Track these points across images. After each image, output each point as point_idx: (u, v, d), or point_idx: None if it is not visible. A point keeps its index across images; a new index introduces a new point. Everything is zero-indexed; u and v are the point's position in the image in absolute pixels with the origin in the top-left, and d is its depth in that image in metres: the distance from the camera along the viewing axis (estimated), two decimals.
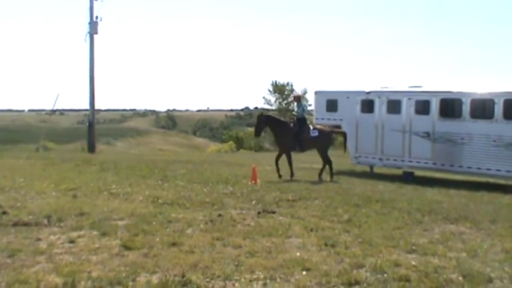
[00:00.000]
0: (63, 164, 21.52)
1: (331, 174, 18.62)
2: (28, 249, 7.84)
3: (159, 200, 12.47)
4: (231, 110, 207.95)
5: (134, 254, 7.71)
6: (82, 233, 9.03)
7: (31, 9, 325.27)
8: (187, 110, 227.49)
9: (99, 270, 6.90)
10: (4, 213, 10.29)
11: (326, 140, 19.37)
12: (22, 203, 11.66)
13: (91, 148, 38.71)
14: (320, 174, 18.67)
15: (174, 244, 8.25)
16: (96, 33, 39.36)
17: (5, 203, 11.54)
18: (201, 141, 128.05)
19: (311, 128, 19.38)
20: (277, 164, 18.92)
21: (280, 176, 18.37)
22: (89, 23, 39.28)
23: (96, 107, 42.67)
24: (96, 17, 39.36)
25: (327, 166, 18.84)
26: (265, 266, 7.14)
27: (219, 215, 10.72)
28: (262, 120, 19.83)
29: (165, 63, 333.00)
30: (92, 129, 40.31)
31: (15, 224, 9.44)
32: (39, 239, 8.54)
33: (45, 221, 9.78)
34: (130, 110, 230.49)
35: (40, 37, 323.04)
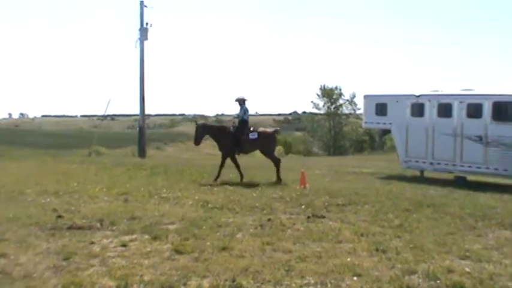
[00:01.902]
0: (114, 168, 21.86)
1: (278, 175, 18.36)
2: (82, 252, 8.00)
3: (209, 205, 12.56)
4: (279, 115, 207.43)
5: (185, 258, 7.78)
6: (134, 236, 9.16)
7: (83, 16, 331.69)
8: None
9: (151, 274, 6.98)
10: (59, 216, 10.52)
11: (267, 142, 19.28)
12: (76, 207, 11.90)
13: (141, 153, 39.17)
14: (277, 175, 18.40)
15: (224, 248, 8.28)
16: (146, 39, 39.89)
17: (60, 206, 11.81)
18: None
19: (251, 130, 19.20)
20: (219, 169, 18.75)
21: (216, 179, 18.14)
22: (139, 30, 39.82)
23: (146, 112, 43.13)
24: (146, 24, 39.89)
25: (282, 165, 18.81)
26: (315, 271, 7.11)
27: (269, 220, 10.72)
28: (198, 129, 19.73)
29: (214, 68, 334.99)
30: (142, 134, 40.76)
31: (69, 228, 9.64)
32: (92, 243, 8.69)
33: (98, 225, 9.96)
34: (180, 114, 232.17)
35: (92, 44, 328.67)
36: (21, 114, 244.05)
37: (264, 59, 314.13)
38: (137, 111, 41.33)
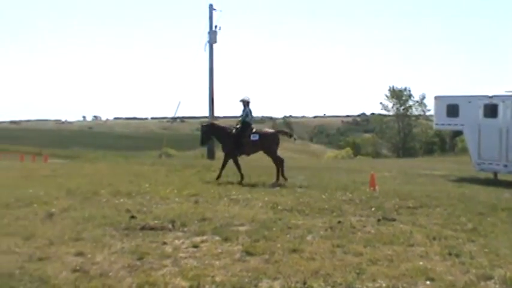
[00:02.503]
0: (184, 170, 22.19)
1: (282, 174, 18.47)
2: (155, 253, 8.16)
3: (279, 206, 12.57)
4: (348, 116, 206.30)
5: (256, 260, 7.82)
6: (205, 238, 9.27)
7: (153, 19, 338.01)
8: (303, 117, 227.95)
9: (222, 275, 7.06)
10: (132, 217, 10.76)
11: (268, 142, 19.21)
12: (148, 208, 12.13)
13: (211, 155, 39.56)
14: (277, 177, 18.46)
15: (294, 250, 8.28)
16: (215, 41, 40.34)
17: (133, 207, 12.08)
18: (317, 148, 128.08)
19: (253, 131, 19.33)
20: (221, 169, 19.18)
21: (217, 178, 18.55)
22: (209, 33, 40.31)
23: (215, 114, 43.63)
24: (215, 26, 40.36)
25: (282, 167, 18.66)
26: (387, 275, 7.03)
27: (339, 222, 10.66)
28: (204, 129, 20.19)
29: (281, 70, 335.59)
30: None
31: (142, 228, 9.85)
32: (164, 243, 8.84)
33: (170, 226, 10.12)
34: None
35: (162, 47, 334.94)
36: (95, 116, 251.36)
37: (331, 59, 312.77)
38: (206, 113, 41.82)
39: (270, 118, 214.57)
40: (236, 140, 19.22)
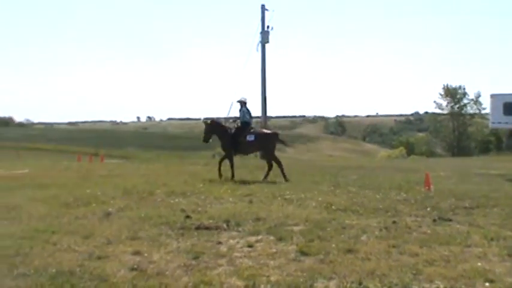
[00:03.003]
0: (237, 170, 22.30)
1: (284, 175, 18.95)
2: (210, 252, 8.23)
3: (332, 206, 12.52)
4: (401, 115, 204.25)
5: (311, 260, 7.81)
6: (259, 237, 9.30)
7: (205, 20, 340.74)
8: (356, 116, 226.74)
9: (277, 274, 7.07)
10: (187, 217, 10.89)
11: (265, 142, 19.88)
12: (203, 208, 12.26)
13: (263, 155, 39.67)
14: (265, 176, 19.29)
15: (349, 251, 8.23)
16: (268, 42, 40.45)
17: (188, 207, 12.23)
18: (370, 147, 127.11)
19: (251, 132, 20.08)
20: (219, 165, 20.02)
21: (220, 176, 19.40)
22: (261, 33, 40.44)
23: (268, 114, 43.73)
24: (267, 27, 40.47)
25: (279, 167, 19.31)
26: (444, 276, 6.93)
27: (394, 222, 10.55)
28: (206, 127, 20.89)
29: (333, 69, 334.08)
30: None
31: (197, 228, 9.95)
32: (219, 243, 8.91)
33: (225, 225, 10.20)
34: (300, 116, 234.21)
35: (214, 48, 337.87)
36: (149, 117, 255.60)
37: (384, 58, 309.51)
38: (258, 113, 41.97)
39: (322, 118, 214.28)
40: (233, 139, 19.95)
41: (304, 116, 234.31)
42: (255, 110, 41.86)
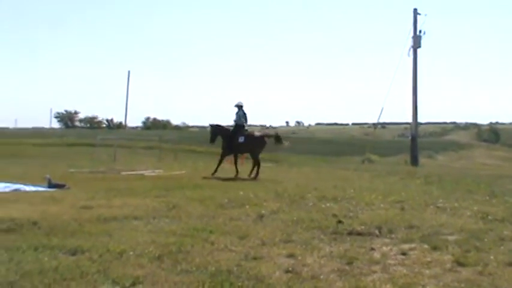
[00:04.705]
0: (388, 176, 22.12)
1: (256, 172, 21.82)
2: (363, 258, 8.21)
3: (489, 216, 12.02)
4: None
5: (468, 271, 7.56)
6: (413, 245, 9.14)
7: (354, 24, 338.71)
8: (511, 123, 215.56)
9: (433, 284, 6.93)
10: (339, 222, 10.91)
11: (253, 144, 22.37)
12: (354, 213, 12.24)
13: (414, 161, 38.90)
14: (250, 173, 22.05)
15: (510, 264, 7.88)
16: (419, 46, 39.65)
17: (339, 212, 12.25)
18: None
19: (246, 134, 22.53)
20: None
21: (213, 173, 22.07)
22: (413, 37, 39.74)
23: (418, 119, 42.82)
24: (420, 31, 39.67)
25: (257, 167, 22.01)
26: None
27: None
28: (212, 130, 23.56)
29: (486, 75, 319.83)
30: (414, 143, 40.54)
31: (349, 233, 9.96)
32: (372, 249, 8.86)
33: (377, 232, 10.13)
34: (451, 123, 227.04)
35: (363, 52, 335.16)
36: (297, 122, 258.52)
37: None
38: (407, 119, 41.35)
39: (474, 124, 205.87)
40: (230, 140, 22.35)
41: (455, 123, 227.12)
42: (406, 116, 41.20)
